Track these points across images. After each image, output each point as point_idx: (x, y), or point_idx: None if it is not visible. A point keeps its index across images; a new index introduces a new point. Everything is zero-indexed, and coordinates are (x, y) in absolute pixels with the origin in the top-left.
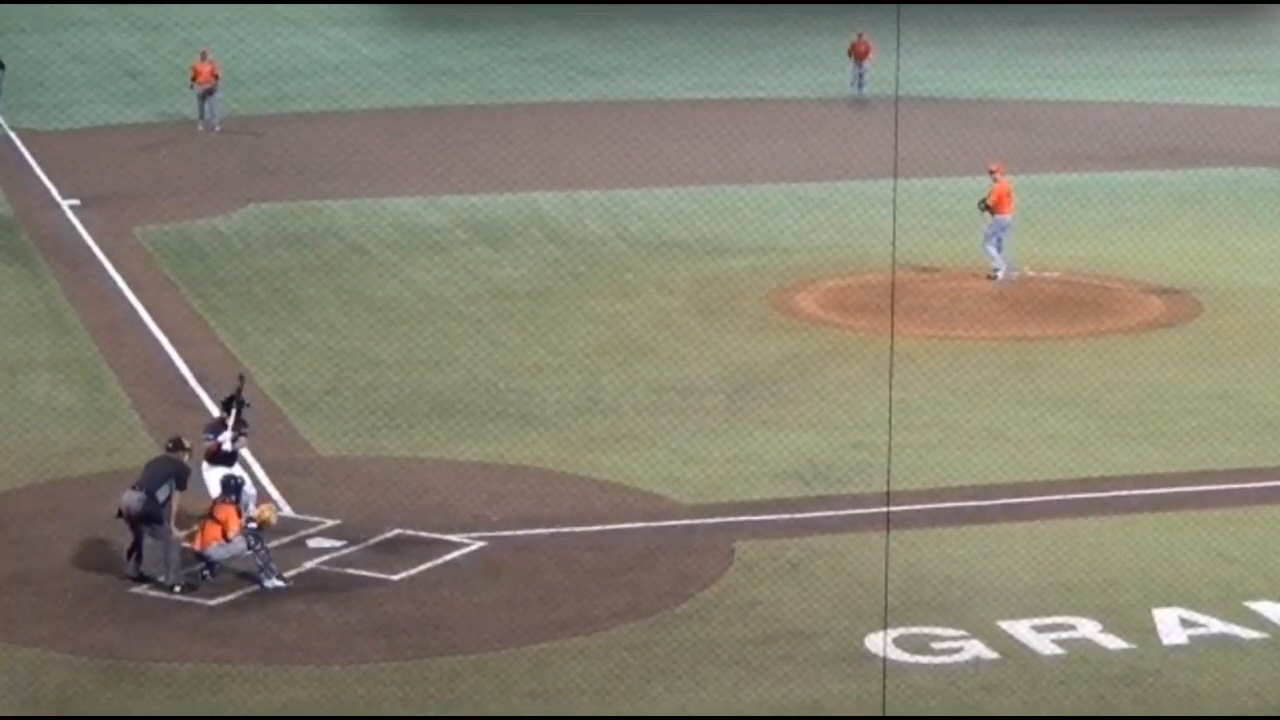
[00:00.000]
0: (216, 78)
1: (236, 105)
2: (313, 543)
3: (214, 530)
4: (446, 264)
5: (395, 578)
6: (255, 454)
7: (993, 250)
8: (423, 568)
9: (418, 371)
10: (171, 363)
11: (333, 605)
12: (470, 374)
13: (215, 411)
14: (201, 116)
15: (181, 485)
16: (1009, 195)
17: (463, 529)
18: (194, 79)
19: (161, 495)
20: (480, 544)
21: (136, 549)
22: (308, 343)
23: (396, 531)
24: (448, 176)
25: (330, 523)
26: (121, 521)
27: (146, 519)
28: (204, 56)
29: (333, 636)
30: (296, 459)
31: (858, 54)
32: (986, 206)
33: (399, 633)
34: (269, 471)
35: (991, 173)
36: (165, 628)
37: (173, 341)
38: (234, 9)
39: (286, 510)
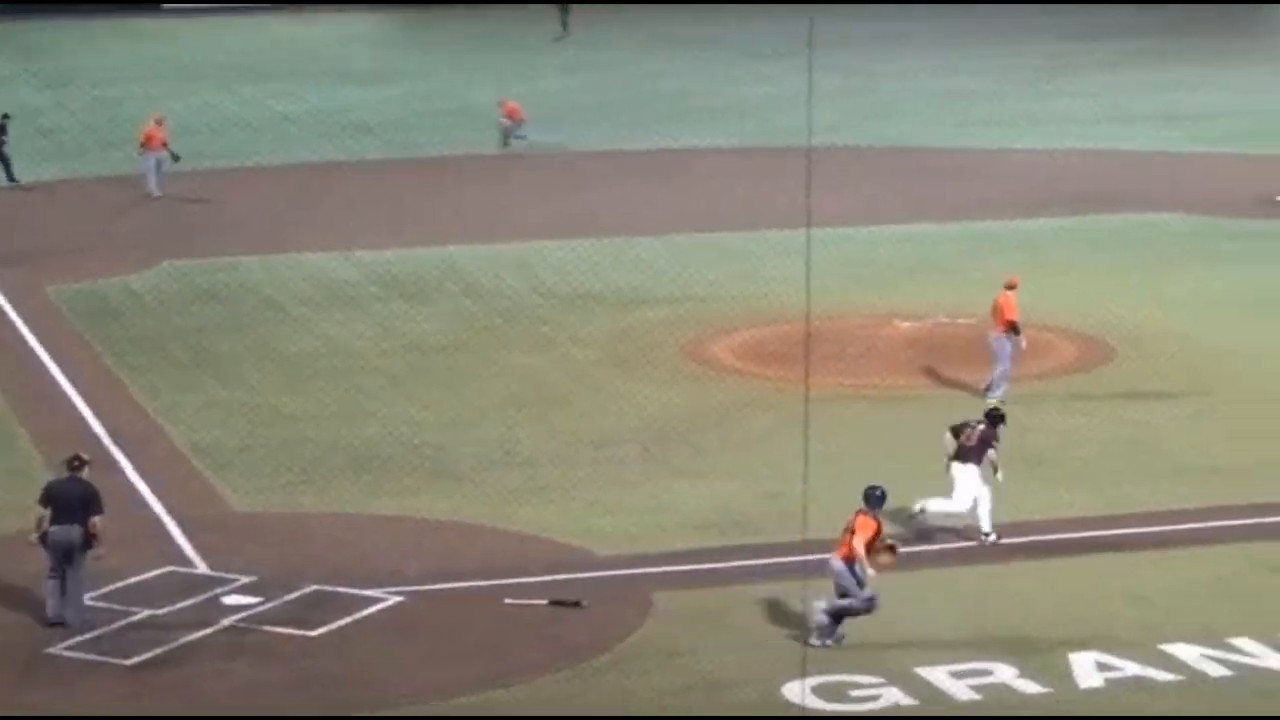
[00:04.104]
0: (165, 145)
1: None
2: (229, 599)
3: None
4: (361, 319)
5: (314, 633)
6: (169, 511)
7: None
8: (341, 623)
9: (333, 426)
10: (84, 421)
11: (251, 663)
12: (386, 429)
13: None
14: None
15: (99, 509)
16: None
17: (380, 584)
18: (145, 144)
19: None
20: (398, 598)
21: (62, 586)
22: (222, 399)
23: (314, 587)
24: (361, 231)
25: (246, 579)
26: (46, 556)
27: (82, 548)
28: (159, 123)
29: (253, 693)
30: (211, 515)
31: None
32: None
33: (320, 688)
34: (183, 528)
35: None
36: (82, 690)
37: (86, 400)
38: (144, 66)
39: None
